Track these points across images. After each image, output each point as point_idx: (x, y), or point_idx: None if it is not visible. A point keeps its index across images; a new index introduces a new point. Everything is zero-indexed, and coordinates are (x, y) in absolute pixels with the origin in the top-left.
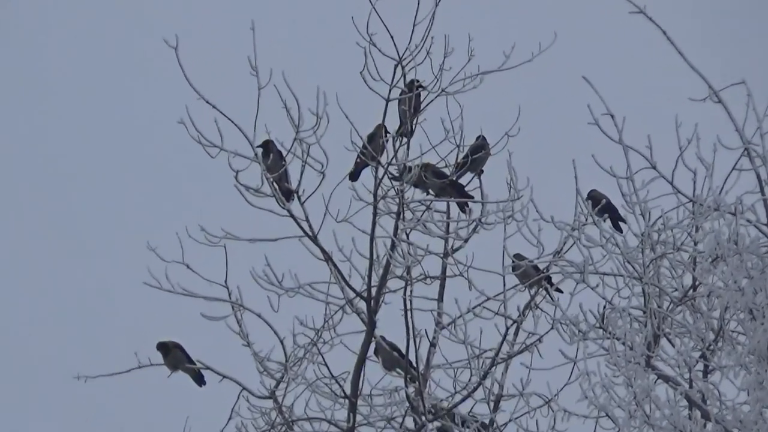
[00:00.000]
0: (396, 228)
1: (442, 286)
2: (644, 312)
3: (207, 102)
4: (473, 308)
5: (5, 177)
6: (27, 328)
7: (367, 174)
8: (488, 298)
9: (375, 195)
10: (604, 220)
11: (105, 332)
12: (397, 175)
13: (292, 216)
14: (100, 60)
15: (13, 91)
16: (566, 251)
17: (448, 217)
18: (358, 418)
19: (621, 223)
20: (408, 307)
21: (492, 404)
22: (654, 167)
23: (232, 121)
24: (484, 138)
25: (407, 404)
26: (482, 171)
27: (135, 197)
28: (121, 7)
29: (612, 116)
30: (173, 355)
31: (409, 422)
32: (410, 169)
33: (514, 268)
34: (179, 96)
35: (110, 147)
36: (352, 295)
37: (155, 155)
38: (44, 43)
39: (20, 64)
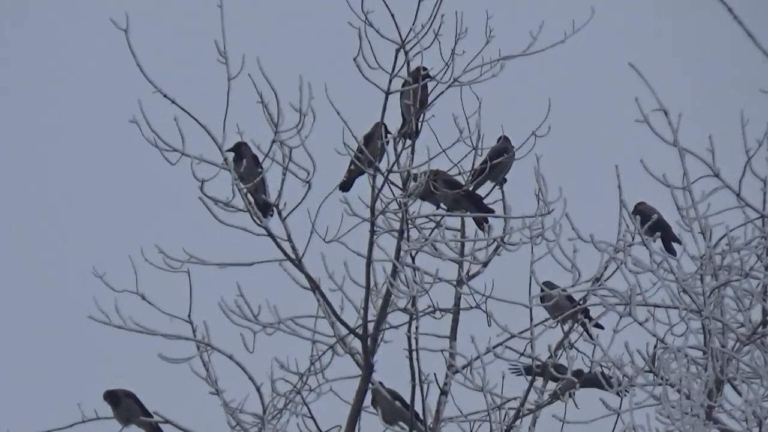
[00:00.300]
0: (398, 250)
1: (456, 321)
2: (704, 352)
3: (165, 96)
4: (494, 348)
5: None
6: None
7: (362, 183)
8: (512, 336)
9: (372, 209)
10: (655, 240)
11: (41, 378)
12: (399, 184)
13: (270, 235)
14: (30, 43)
15: None
16: (608, 278)
17: (463, 236)
18: None
19: (675, 244)
20: (413, 346)
21: None
22: (717, 175)
23: (196, 120)
24: (506, 139)
25: None
26: (505, 179)
27: (77, 212)
28: None
29: (665, 112)
30: (125, 405)
31: None
32: (416, 177)
33: (543, 299)
34: (131, 89)
35: (46, 150)
36: (344, 331)
37: (102, 161)
38: None
39: None
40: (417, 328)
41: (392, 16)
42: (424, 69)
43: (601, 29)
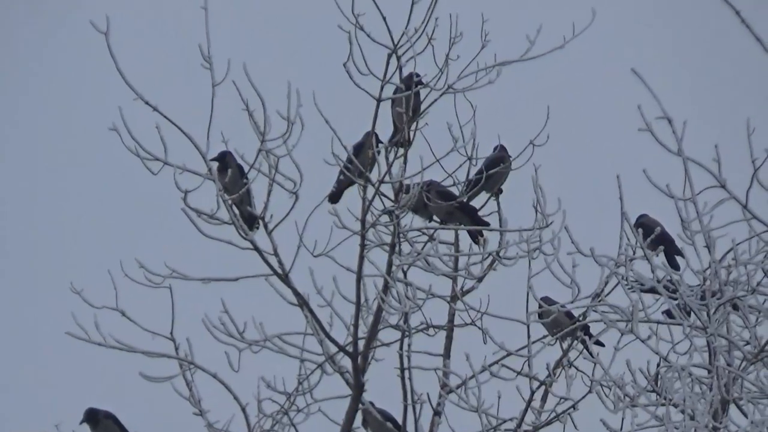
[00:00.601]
0: (390, 264)
1: (449, 339)
2: (709, 371)
3: (146, 103)
4: (489, 366)
5: None
6: None
7: (353, 195)
8: (508, 354)
9: (363, 222)
10: (658, 254)
11: (18, 397)
12: (391, 196)
13: (256, 249)
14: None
15: None
16: (609, 293)
17: (457, 250)
18: None
19: (679, 258)
20: (405, 365)
21: None
22: (723, 186)
23: (179, 128)
24: (503, 148)
25: None
26: (501, 190)
27: (54, 225)
28: None
29: (669, 120)
30: (104, 426)
31: None
32: (408, 188)
33: (541, 316)
34: (111, 95)
35: (21, 159)
36: (333, 349)
37: (80, 170)
38: None
39: None
40: (409, 345)
41: (384, 19)
42: (417, 75)
43: (601, 33)
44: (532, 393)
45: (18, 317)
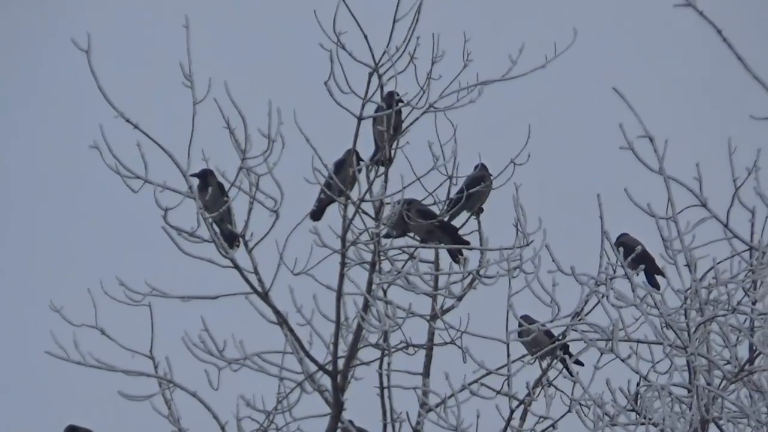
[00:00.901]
0: (370, 283)
1: (429, 357)
2: (689, 391)
3: (127, 120)
4: (469, 385)
5: None
6: None
7: (333, 213)
8: (488, 372)
9: (343, 240)
10: (638, 273)
11: None
12: (372, 214)
13: (236, 267)
14: None
15: None
16: (589, 312)
17: (437, 269)
18: None
19: (659, 277)
20: (385, 383)
21: None
22: (704, 205)
23: (160, 145)
24: (484, 166)
25: None
26: (481, 209)
27: (32, 242)
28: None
29: (651, 139)
30: None
31: None
32: (389, 206)
33: (521, 334)
34: (92, 113)
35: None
36: (313, 368)
37: (60, 187)
38: None
39: None
40: (389, 364)
41: (365, 37)
42: (397, 94)
43: (583, 53)
44: (512, 412)
45: None
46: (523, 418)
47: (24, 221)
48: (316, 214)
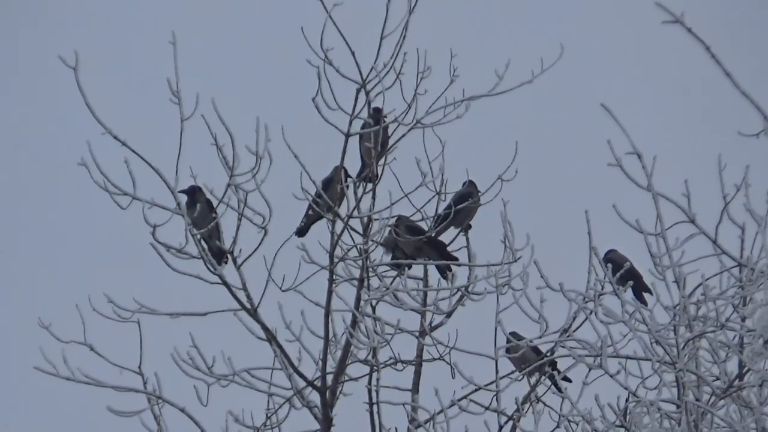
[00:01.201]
0: (358, 299)
1: (418, 373)
2: (678, 406)
3: (115, 137)
4: (458, 401)
5: None
6: None
7: (321, 230)
8: (477, 389)
9: (331, 256)
10: (626, 290)
11: None
12: (360, 230)
13: (225, 283)
14: None
15: None
16: (577, 329)
17: (426, 285)
18: None
19: (647, 294)
20: (374, 399)
21: None
22: (692, 221)
23: (147, 162)
24: (471, 183)
25: None
26: (470, 225)
27: (22, 259)
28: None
29: (639, 155)
30: None
31: None
32: (377, 222)
33: (509, 351)
34: (80, 130)
35: None
36: (302, 384)
37: (49, 205)
38: None
39: None
40: (378, 380)
41: (353, 54)
42: (384, 113)
43: (570, 68)
44: (500, 428)
45: None
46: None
47: (12, 238)
48: (302, 231)
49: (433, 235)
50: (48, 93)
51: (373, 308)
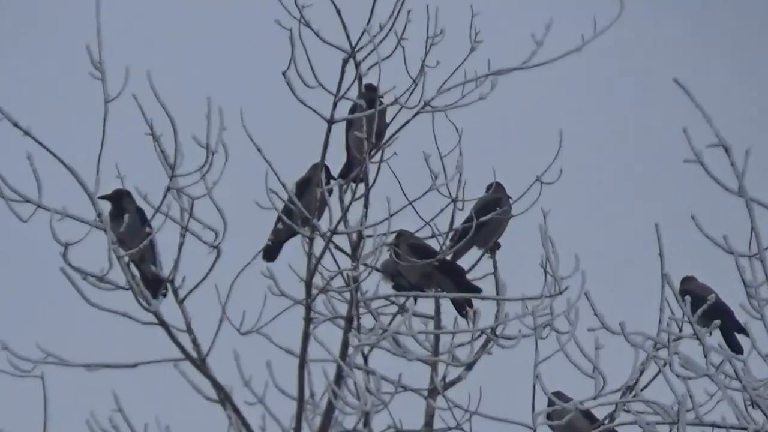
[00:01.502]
0: (345, 345)
1: None
2: None
3: (15, 125)
4: None
5: None
6: None
7: (295, 250)
8: None
9: (308, 287)
10: (711, 331)
11: None
12: (348, 251)
13: (162, 324)
14: None
15: None
16: (646, 386)
17: (438, 327)
18: None
19: (741, 337)
20: None
21: None
22: None
23: (58, 158)
24: (499, 186)
25: None
26: (498, 245)
27: None
28: None
29: (726, 148)
30: None
31: None
32: (371, 239)
33: (552, 416)
34: None
35: None
36: None
37: None
38: None
39: None
40: None
41: (338, 12)
42: (375, 88)
43: (628, 31)
44: None
45: None
46: None
47: None
48: (271, 252)
49: (447, 257)
50: None
51: (365, 358)
